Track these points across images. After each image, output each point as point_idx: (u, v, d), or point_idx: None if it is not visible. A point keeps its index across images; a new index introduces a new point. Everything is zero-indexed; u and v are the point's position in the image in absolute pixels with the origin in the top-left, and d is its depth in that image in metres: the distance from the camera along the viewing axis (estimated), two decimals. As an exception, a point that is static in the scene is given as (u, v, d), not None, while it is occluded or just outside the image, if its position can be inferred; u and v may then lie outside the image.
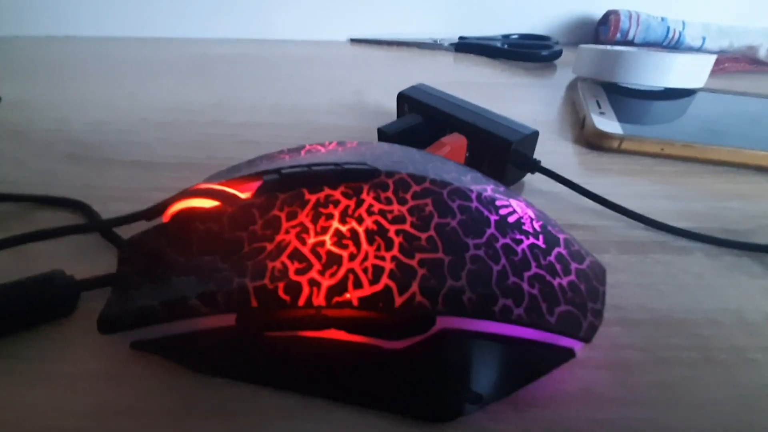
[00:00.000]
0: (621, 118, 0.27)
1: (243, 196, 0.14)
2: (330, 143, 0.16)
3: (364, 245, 0.12)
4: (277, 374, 0.13)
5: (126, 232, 0.18)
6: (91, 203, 0.20)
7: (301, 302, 0.11)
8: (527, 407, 0.13)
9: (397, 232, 0.12)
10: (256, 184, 0.14)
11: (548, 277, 0.12)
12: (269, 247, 0.12)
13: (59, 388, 0.13)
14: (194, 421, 0.12)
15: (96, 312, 0.15)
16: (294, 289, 0.11)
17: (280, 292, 0.11)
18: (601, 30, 0.42)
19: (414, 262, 0.11)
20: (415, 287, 0.11)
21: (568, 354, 0.13)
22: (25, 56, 0.44)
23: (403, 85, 0.32)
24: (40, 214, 0.20)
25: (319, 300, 0.11)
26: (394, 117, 0.28)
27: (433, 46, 0.43)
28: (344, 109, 0.32)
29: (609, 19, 0.41)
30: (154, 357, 0.14)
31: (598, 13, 0.44)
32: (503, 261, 0.12)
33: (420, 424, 0.12)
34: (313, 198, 0.13)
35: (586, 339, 0.12)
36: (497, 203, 0.13)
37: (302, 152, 0.16)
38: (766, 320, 0.16)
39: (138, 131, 0.28)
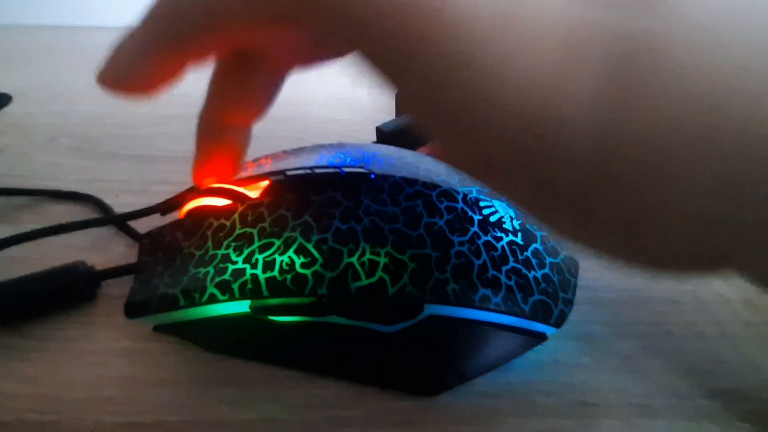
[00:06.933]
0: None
1: (252, 195, 0.15)
2: (330, 145, 0.17)
3: (362, 242, 0.13)
4: (284, 354, 0.15)
5: (138, 224, 0.20)
6: (102, 196, 0.21)
7: (306, 292, 0.13)
8: (504, 374, 0.15)
9: (391, 231, 0.13)
10: (264, 184, 0.15)
11: (524, 271, 0.14)
12: (277, 242, 0.14)
13: (91, 365, 0.15)
14: (213, 389, 0.14)
15: (116, 299, 0.17)
16: (300, 280, 0.13)
17: (288, 283, 0.13)
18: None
19: (405, 257, 0.13)
20: (405, 279, 0.13)
21: (541, 338, 0.15)
22: (17, 46, 0.44)
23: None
24: (54, 207, 0.21)
25: (322, 290, 0.13)
26: (390, 110, 0.29)
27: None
28: (339, 102, 0.33)
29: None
30: (172, 338, 0.15)
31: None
32: (484, 256, 0.14)
33: (411, 397, 0.14)
34: (316, 199, 0.14)
35: (557, 325, 0.14)
36: (481, 204, 0.15)
37: (305, 153, 0.17)
38: (718, 298, 0.18)
39: (139, 125, 0.29)
